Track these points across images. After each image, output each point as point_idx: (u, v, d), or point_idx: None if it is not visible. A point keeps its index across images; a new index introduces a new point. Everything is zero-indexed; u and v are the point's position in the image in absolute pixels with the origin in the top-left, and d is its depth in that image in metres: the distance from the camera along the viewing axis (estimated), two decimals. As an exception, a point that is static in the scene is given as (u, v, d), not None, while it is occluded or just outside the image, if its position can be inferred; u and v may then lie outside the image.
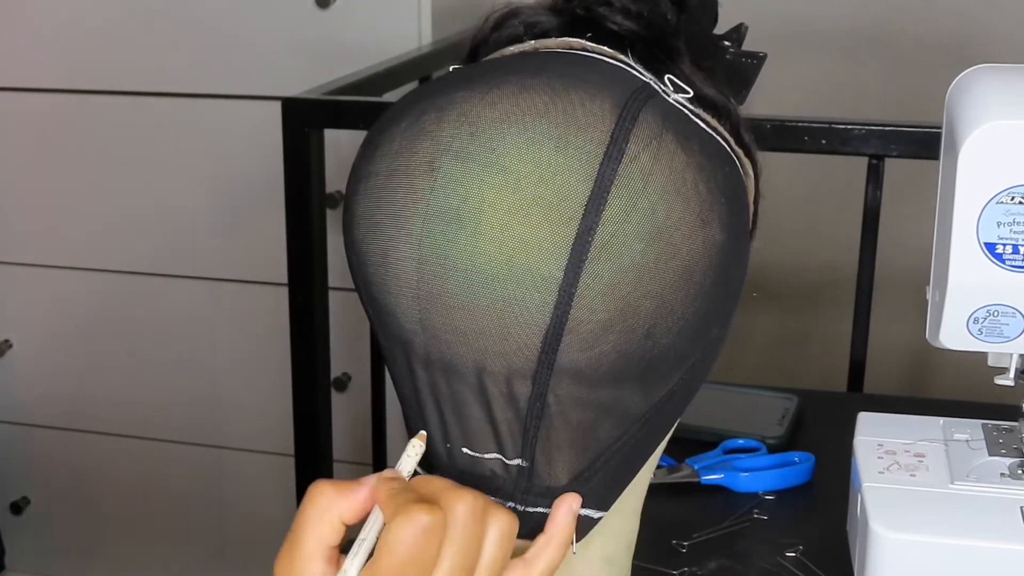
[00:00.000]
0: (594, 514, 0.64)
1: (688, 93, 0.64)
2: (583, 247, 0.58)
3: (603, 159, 0.59)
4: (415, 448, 0.62)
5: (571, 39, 0.66)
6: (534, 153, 0.59)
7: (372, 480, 0.58)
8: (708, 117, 0.64)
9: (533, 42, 0.67)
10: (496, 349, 0.60)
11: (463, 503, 0.56)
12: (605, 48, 0.65)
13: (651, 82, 0.63)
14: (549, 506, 0.63)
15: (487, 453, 0.63)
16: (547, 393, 0.61)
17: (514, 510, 0.63)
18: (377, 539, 0.57)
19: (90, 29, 2.04)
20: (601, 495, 0.64)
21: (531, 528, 0.63)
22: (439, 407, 0.63)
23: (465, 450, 0.63)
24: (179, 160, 2.07)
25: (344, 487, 0.58)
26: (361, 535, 0.58)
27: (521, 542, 0.62)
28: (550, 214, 0.58)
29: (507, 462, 0.63)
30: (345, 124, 1.59)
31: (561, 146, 0.59)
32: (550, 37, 0.67)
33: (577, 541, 0.64)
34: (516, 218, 0.58)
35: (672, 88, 0.64)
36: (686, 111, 0.63)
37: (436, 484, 0.58)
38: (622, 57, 0.64)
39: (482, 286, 0.58)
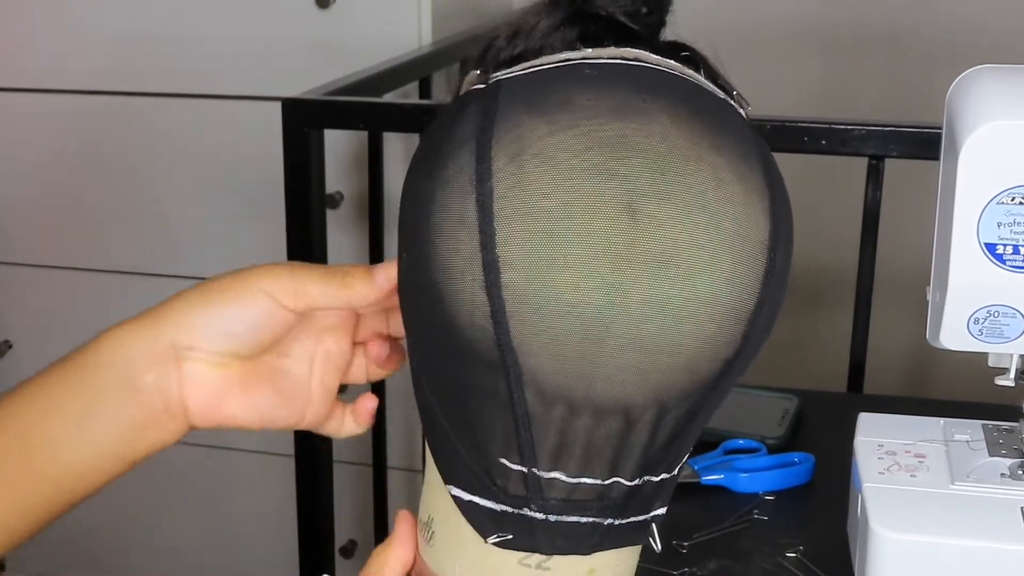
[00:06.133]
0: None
1: (748, 107, 0.65)
2: (768, 276, 0.60)
3: (768, 191, 0.61)
4: None
5: (623, 49, 0.62)
6: (726, 190, 0.59)
7: None
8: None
9: (589, 51, 0.62)
10: (682, 385, 0.59)
11: None
12: (672, 62, 0.63)
13: (734, 105, 0.64)
14: (641, 513, 0.64)
15: (606, 479, 0.61)
16: (699, 413, 0.62)
17: (611, 526, 0.63)
18: None
19: (89, 30, 2.04)
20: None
21: (632, 537, 0.64)
22: (545, 437, 0.60)
23: (559, 474, 0.61)
24: (179, 160, 2.06)
25: None
26: None
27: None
28: (747, 249, 0.59)
29: (626, 483, 0.62)
30: (345, 124, 1.59)
31: (739, 178, 0.59)
32: (576, 42, 0.63)
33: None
34: (719, 255, 0.58)
35: (739, 104, 0.65)
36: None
37: None
38: (693, 73, 0.63)
39: (674, 325, 0.58)
